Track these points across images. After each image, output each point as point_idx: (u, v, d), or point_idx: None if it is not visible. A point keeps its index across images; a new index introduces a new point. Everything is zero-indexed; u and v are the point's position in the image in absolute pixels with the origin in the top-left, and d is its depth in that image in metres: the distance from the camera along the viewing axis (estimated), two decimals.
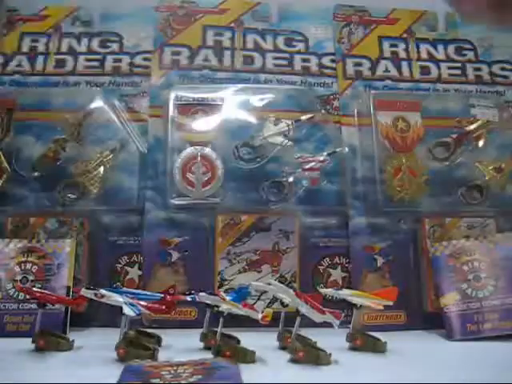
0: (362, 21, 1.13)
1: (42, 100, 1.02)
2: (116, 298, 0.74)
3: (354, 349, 0.78)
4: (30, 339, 0.75)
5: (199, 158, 0.96)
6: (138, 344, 0.73)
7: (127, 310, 0.71)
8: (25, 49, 1.07)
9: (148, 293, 0.82)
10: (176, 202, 0.96)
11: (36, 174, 0.97)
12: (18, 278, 0.87)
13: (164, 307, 0.77)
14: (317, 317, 0.73)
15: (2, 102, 1.00)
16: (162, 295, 0.79)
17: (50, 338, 0.76)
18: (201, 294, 0.77)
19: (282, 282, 0.88)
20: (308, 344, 0.74)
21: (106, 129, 1.01)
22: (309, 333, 0.76)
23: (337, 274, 0.98)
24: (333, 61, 1.09)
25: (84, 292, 0.75)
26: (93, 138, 1.00)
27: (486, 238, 0.92)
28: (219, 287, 0.93)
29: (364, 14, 1.14)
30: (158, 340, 0.79)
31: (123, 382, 0.58)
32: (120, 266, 0.96)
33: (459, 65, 1.12)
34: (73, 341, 0.77)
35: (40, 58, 1.07)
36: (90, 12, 1.11)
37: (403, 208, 0.99)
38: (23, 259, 0.89)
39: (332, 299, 0.87)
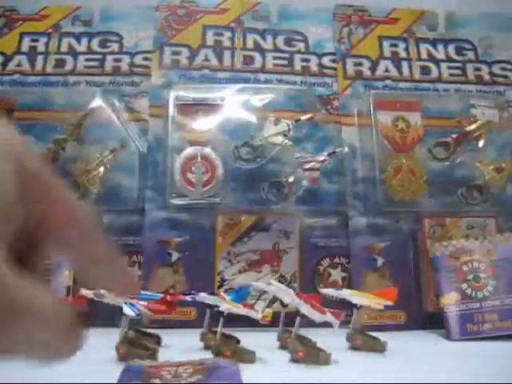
0: (362, 21, 1.13)
1: (42, 100, 1.02)
2: (116, 298, 0.74)
3: (354, 349, 0.78)
4: None
5: (199, 158, 0.96)
6: (137, 344, 0.73)
7: (127, 310, 0.71)
8: (25, 49, 1.07)
9: (148, 293, 0.82)
10: (176, 201, 0.96)
11: None
12: None
13: (164, 307, 0.77)
14: (317, 317, 0.73)
15: (2, 101, 1.00)
16: (162, 295, 0.79)
17: None
18: (201, 294, 0.77)
19: (281, 282, 0.88)
20: (308, 344, 0.74)
21: (106, 129, 1.01)
22: (309, 333, 0.76)
23: (337, 274, 0.98)
24: (333, 61, 1.09)
25: (84, 292, 0.75)
26: (93, 137, 1.00)
27: (486, 238, 0.92)
28: (219, 287, 0.93)
29: (364, 14, 1.14)
30: (158, 340, 0.79)
31: (123, 382, 0.58)
32: None
33: (459, 65, 1.12)
34: None
35: (40, 58, 1.07)
36: (90, 12, 1.11)
37: (403, 208, 0.99)
38: None
39: (332, 299, 0.87)
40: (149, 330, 0.81)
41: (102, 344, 0.75)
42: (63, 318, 0.26)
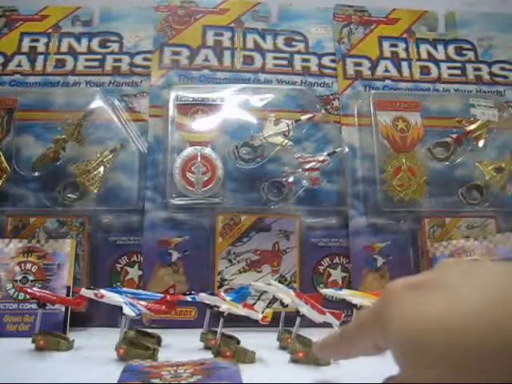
0: (362, 21, 1.13)
1: (42, 100, 1.02)
2: (116, 298, 0.74)
3: None
4: (30, 339, 0.75)
5: (199, 158, 0.96)
6: (137, 344, 0.73)
7: (127, 310, 0.71)
8: (25, 49, 1.07)
9: (148, 293, 0.82)
10: (176, 201, 0.96)
11: (36, 173, 0.97)
12: (18, 278, 0.87)
13: (164, 307, 0.77)
14: (317, 317, 0.73)
15: (2, 101, 1.00)
16: (162, 295, 0.79)
17: (50, 338, 0.76)
18: (201, 294, 0.77)
19: (281, 282, 0.88)
20: (308, 344, 0.74)
21: (106, 129, 1.01)
22: (309, 333, 0.76)
23: (337, 274, 0.98)
24: (333, 61, 1.09)
25: (84, 292, 0.75)
26: (93, 137, 1.00)
27: (486, 238, 0.92)
28: (219, 287, 0.93)
29: (364, 14, 1.14)
30: (158, 340, 0.79)
31: (123, 382, 0.58)
32: (120, 266, 0.96)
33: (459, 65, 1.12)
34: (73, 341, 0.77)
35: (40, 58, 1.07)
36: (90, 12, 1.11)
37: (403, 208, 0.99)
38: (23, 259, 0.89)
39: (332, 299, 0.87)
40: (149, 330, 0.81)
41: (102, 344, 0.75)
42: None
